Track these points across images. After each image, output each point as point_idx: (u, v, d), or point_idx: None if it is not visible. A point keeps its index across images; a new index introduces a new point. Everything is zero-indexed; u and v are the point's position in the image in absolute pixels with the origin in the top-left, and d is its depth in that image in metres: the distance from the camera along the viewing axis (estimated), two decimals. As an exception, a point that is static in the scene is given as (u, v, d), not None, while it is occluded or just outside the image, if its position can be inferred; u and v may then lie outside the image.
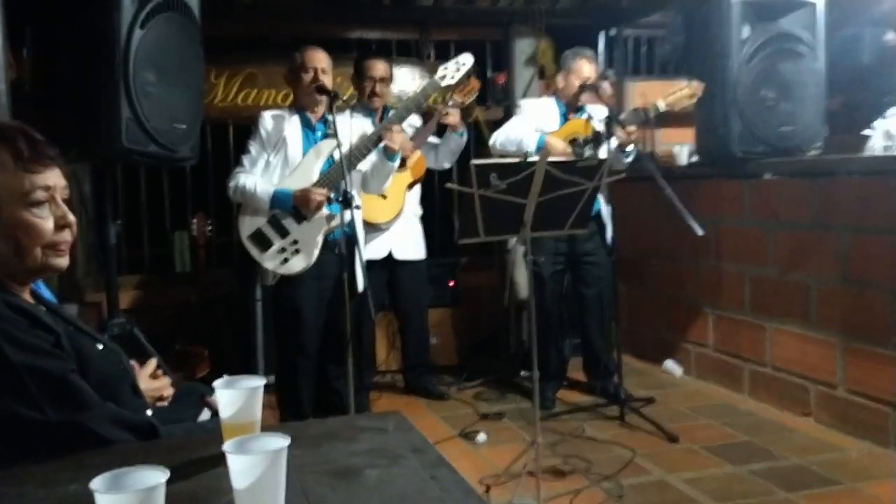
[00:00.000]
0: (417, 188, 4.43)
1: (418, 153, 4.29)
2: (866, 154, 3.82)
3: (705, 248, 4.44)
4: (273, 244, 3.52)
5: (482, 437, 3.69)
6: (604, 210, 4.11)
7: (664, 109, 3.95)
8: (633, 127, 3.92)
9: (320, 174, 3.52)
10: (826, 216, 3.72)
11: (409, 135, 4.18)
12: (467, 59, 3.67)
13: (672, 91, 3.98)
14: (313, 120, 3.63)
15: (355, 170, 3.57)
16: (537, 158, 2.89)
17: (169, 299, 4.83)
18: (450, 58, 3.71)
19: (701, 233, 3.45)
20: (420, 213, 4.46)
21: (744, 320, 4.24)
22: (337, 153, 3.26)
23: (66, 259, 1.57)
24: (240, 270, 4.56)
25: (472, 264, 5.44)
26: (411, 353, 4.56)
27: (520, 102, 4.51)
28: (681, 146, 4.93)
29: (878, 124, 3.86)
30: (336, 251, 3.38)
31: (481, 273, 5.42)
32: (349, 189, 3.22)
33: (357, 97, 4.28)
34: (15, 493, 1.25)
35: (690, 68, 4.54)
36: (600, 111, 4.02)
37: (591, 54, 4.23)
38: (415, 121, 4.28)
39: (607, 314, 4.26)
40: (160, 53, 3.12)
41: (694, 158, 4.71)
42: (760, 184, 4.13)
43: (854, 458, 3.34)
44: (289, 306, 3.60)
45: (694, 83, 3.98)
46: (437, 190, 5.16)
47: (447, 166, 4.52)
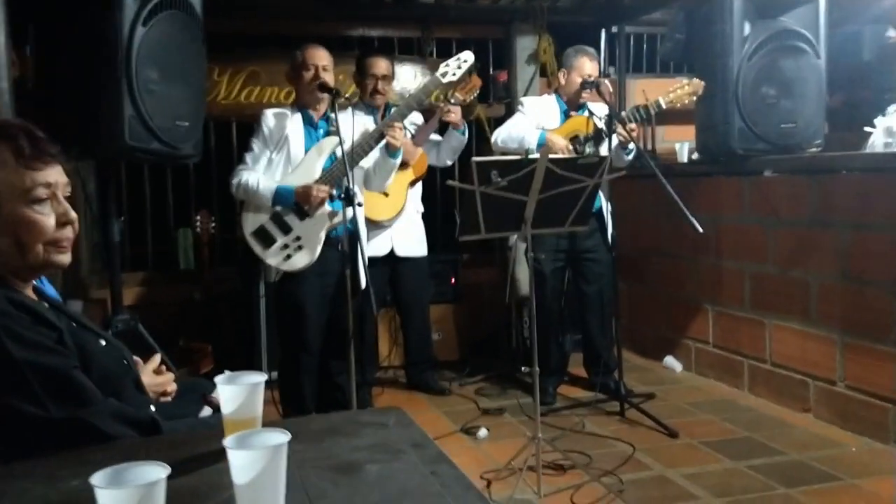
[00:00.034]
0: (419, 185, 4.44)
1: (420, 150, 4.30)
2: (866, 151, 3.83)
3: (705, 246, 4.44)
4: (276, 241, 3.53)
5: (483, 433, 3.70)
6: (604, 207, 4.12)
7: (665, 107, 3.97)
8: (634, 124, 3.93)
9: (322, 171, 3.53)
10: (826, 213, 3.72)
11: (411, 133, 4.19)
12: (469, 56, 3.68)
13: (673, 88, 3.99)
14: (315, 118, 3.64)
15: (357, 167, 3.58)
16: (538, 156, 2.90)
17: (173, 296, 4.86)
18: (451, 55, 3.72)
19: (701, 230, 3.45)
20: (422, 211, 4.47)
21: (744, 317, 4.25)
22: (339, 150, 3.27)
23: (68, 256, 1.58)
24: (243, 267, 4.57)
25: (474, 261, 5.46)
26: (413, 349, 4.57)
27: (521, 100, 4.50)
28: (681, 144, 4.93)
29: (879, 121, 3.85)
30: (339, 248, 3.40)
31: (482, 270, 5.44)
32: (351, 186, 3.23)
33: (359, 95, 4.28)
34: (17, 489, 1.25)
35: (691, 66, 4.56)
36: (601, 108, 4.03)
37: (593, 52, 4.22)
38: (417, 118, 4.29)
39: (608, 311, 4.26)
40: (162, 51, 3.13)
41: (694, 156, 4.72)
42: (761, 181, 4.13)
43: (853, 454, 3.35)
44: (292, 303, 3.61)
45: (695, 80, 3.99)
46: (439, 187, 5.18)
47: (449, 164, 4.52)
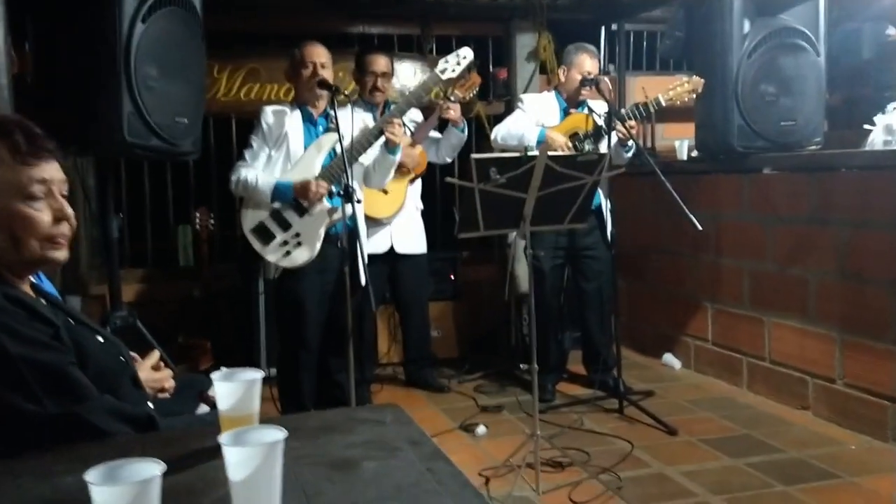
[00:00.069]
0: (418, 182, 4.44)
1: (419, 148, 4.31)
2: (866, 149, 3.82)
3: (705, 243, 4.44)
4: (275, 237, 3.53)
5: (482, 430, 3.70)
6: (604, 204, 4.12)
7: (665, 104, 3.97)
8: (633, 122, 3.93)
9: (322, 168, 3.53)
10: (825, 211, 3.72)
11: (410, 130, 4.19)
12: (468, 53, 3.67)
13: (673, 86, 3.99)
14: (315, 115, 3.64)
15: (357, 163, 3.58)
16: (537, 153, 2.89)
17: (172, 293, 4.86)
18: (451, 53, 3.72)
19: (700, 228, 3.46)
20: (421, 208, 4.47)
21: (743, 314, 4.25)
22: (338, 147, 3.28)
23: (65, 252, 1.58)
24: (242, 264, 4.56)
25: (473, 258, 5.47)
26: (412, 347, 4.57)
27: (521, 97, 4.50)
28: (681, 141, 4.93)
29: (879, 119, 3.85)
30: (338, 245, 3.41)
31: (482, 267, 5.44)
32: (350, 183, 3.23)
33: (358, 92, 4.28)
34: (12, 486, 1.25)
35: (691, 63, 4.56)
36: (601, 106, 4.02)
37: (593, 49, 4.22)
38: (416, 116, 4.29)
39: (607, 308, 4.26)
40: (162, 48, 3.13)
41: (694, 153, 4.72)
42: (760, 179, 4.13)
43: (852, 452, 3.35)
44: (291, 299, 3.61)
45: (694, 78, 3.99)
46: (439, 184, 5.18)
47: (448, 161, 4.52)
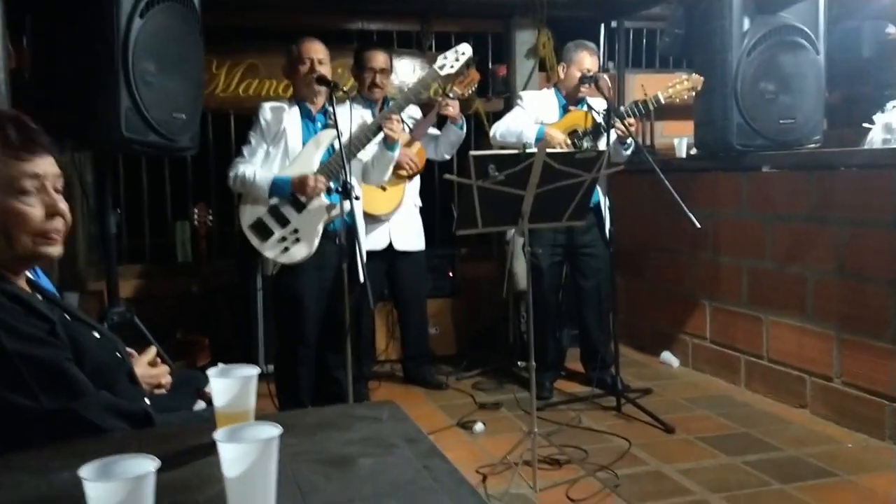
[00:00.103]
0: (417, 179, 4.43)
1: (418, 144, 4.30)
2: (865, 147, 3.82)
3: (703, 241, 4.44)
4: (274, 233, 3.53)
5: (480, 427, 3.70)
6: (602, 202, 4.11)
7: (664, 102, 3.96)
8: (632, 119, 3.93)
9: (320, 164, 3.53)
10: (824, 209, 3.72)
11: (409, 127, 4.19)
12: (466, 49, 3.67)
13: (672, 84, 3.99)
14: (313, 111, 3.64)
15: (355, 159, 3.57)
16: (536, 150, 2.89)
17: (170, 289, 4.86)
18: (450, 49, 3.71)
19: (699, 225, 3.45)
20: (420, 205, 4.46)
21: (741, 312, 4.25)
22: (336, 143, 3.27)
23: (59, 247, 1.57)
24: (241, 260, 4.57)
25: (471, 255, 5.47)
26: (410, 343, 4.57)
27: (520, 94, 4.50)
28: (680, 139, 4.93)
29: (878, 118, 3.85)
30: (336, 241, 3.40)
31: (480, 264, 5.44)
32: (349, 179, 3.23)
33: (357, 88, 4.27)
34: (7, 481, 1.25)
35: (690, 61, 4.56)
36: (600, 103, 4.02)
37: (592, 46, 4.22)
38: (415, 113, 4.29)
39: (605, 306, 4.26)
40: (160, 43, 3.12)
41: (693, 151, 4.71)
42: (759, 177, 4.13)
43: (849, 451, 3.35)
44: (289, 295, 3.61)
45: (694, 76, 3.99)
46: (437, 181, 5.17)
47: (447, 158, 4.51)
